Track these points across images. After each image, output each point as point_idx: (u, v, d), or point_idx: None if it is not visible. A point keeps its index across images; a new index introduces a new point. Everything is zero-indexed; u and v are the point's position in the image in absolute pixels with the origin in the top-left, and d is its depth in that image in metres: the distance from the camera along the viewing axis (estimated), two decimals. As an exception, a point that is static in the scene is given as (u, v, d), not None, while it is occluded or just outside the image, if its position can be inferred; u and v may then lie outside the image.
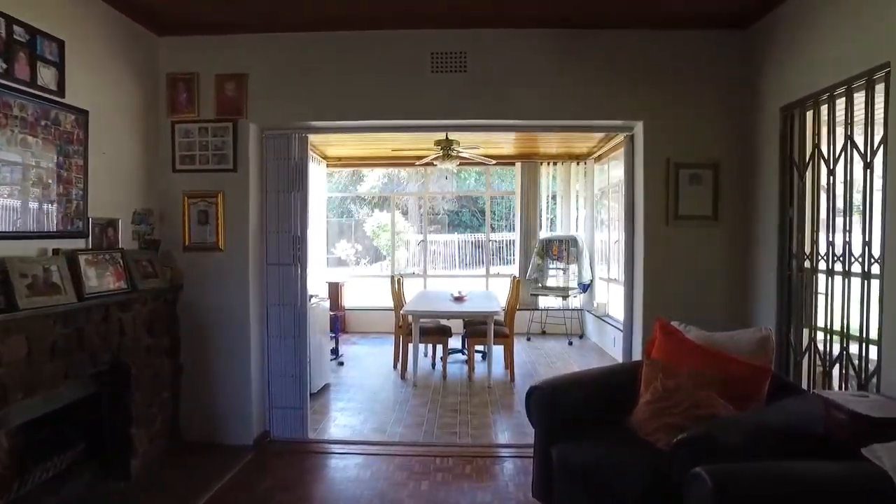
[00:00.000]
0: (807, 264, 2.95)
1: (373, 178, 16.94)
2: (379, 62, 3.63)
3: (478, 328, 5.48)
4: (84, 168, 2.96)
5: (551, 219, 8.29)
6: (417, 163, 6.41)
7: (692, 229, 3.56)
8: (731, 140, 3.52)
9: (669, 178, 3.54)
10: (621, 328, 6.50)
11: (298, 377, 3.91)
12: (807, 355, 2.94)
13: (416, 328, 5.26)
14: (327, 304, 5.49)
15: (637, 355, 3.65)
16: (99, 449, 3.12)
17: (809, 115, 2.90)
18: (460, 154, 6.02)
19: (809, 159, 2.90)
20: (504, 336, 5.50)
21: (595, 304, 7.56)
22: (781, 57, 3.14)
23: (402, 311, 5.25)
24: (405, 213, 16.69)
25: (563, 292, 7.51)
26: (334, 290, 7.82)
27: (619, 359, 6.18)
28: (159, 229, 3.66)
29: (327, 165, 8.05)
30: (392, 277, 5.90)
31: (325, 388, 5.20)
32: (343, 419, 4.41)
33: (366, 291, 9.42)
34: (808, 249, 2.94)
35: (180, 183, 3.68)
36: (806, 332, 2.97)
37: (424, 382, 5.43)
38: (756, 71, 3.39)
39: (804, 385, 2.92)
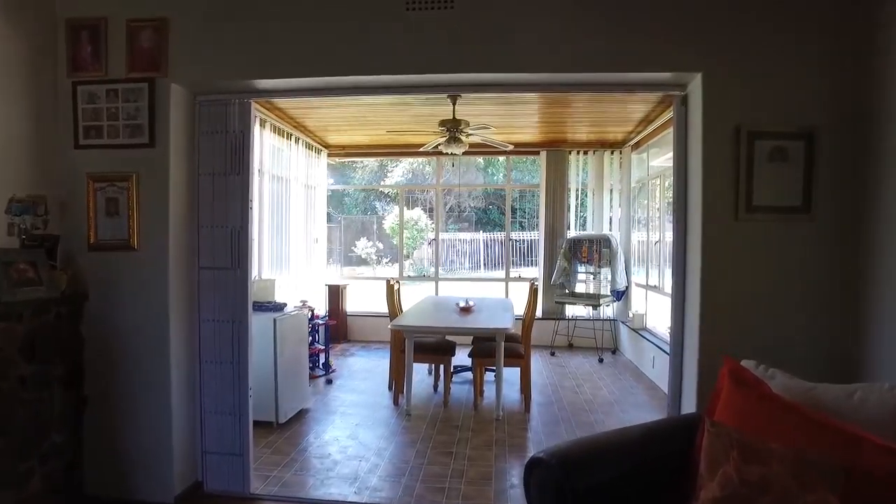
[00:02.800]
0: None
1: (397, 173, 16.09)
2: (338, -2, 2.67)
3: (485, 346, 4.47)
4: None
5: (584, 217, 7.19)
6: (421, 149, 5.45)
7: (773, 225, 2.47)
8: (837, 95, 2.40)
9: (741, 153, 2.45)
10: (663, 347, 5.40)
11: (239, 415, 2.98)
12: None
13: (409, 346, 4.28)
14: (307, 312, 4.58)
15: (689, 406, 2.58)
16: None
17: None
18: (470, 136, 5.02)
19: None
20: (518, 356, 4.47)
21: (631, 315, 6.43)
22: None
23: (389, 326, 4.29)
24: (429, 211, 15.77)
25: (594, 300, 6.41)
26: (335, 295, 6.93)
27: (662, 385, 5.08)
28: (58, 222, 2.79)
29: (329, 155, 7.16)
30: (387, 282, 4.94)
31: (301, 414, 4.28)
32: (307, 461, 3.47)
33: (376, 295, 8.48)
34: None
35: (84, 162, 2.79)
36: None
37: (421, 410, 4.45)
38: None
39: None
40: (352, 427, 4.08)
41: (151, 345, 2.79)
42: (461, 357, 5.65)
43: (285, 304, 4.30)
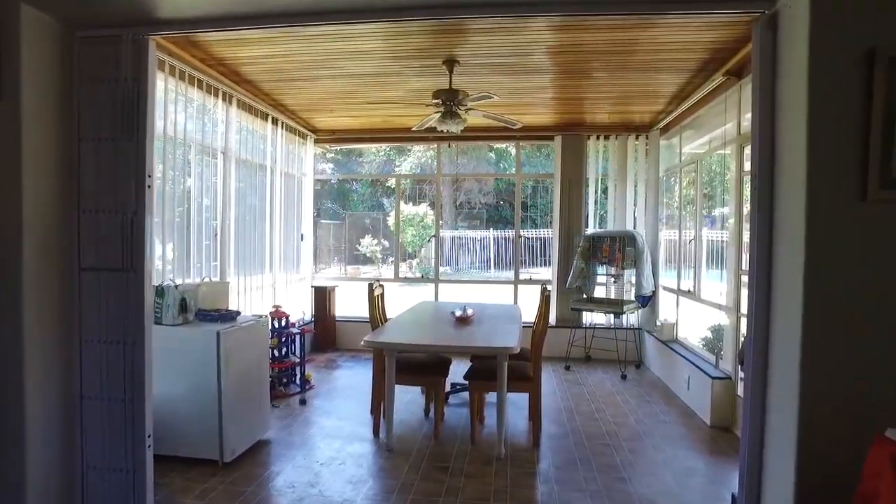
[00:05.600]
0: None
1: (405, 167, 15.25)
2: None
3: (485, 367, 3.57)
4: None
5: (604, 212, 6.24)
6: (413, 127, 4.55)
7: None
8: None
9: (875, 93, 1.52)
10: (701, 365, 4.15)
11: (133, 471, 2.13)
12: None
13: (390, 366, 3.40)
14: (266, 321, 3.69)
15: (779, 487, 1.65)
16: None
17: None
18: (470, 110, 4.12)
19: None
20: (525, 379, 3.56)
21: (659, 324, 5.47)
22: None
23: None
24: (431, 205, 14.94)
25: (616, 307, 5.46)
26: (321, 298, 6.07)
27: (699, 412, 4.01)
28: None
29: (316, 141, 6.30)
30: (369, 286, 4.07)
31: (257, 449, 3.42)
32: (245, 524, 2.61)
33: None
34: None
35: None
36: None
37: (406, 443, 3.56)
38: None
39: None
40: (316, 468, 3.20)
41: None
42: (459, 369, 4.78)
43: (238, 313, 3.44)
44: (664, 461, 3.37)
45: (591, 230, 6.01)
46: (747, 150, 3.88)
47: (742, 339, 4.03)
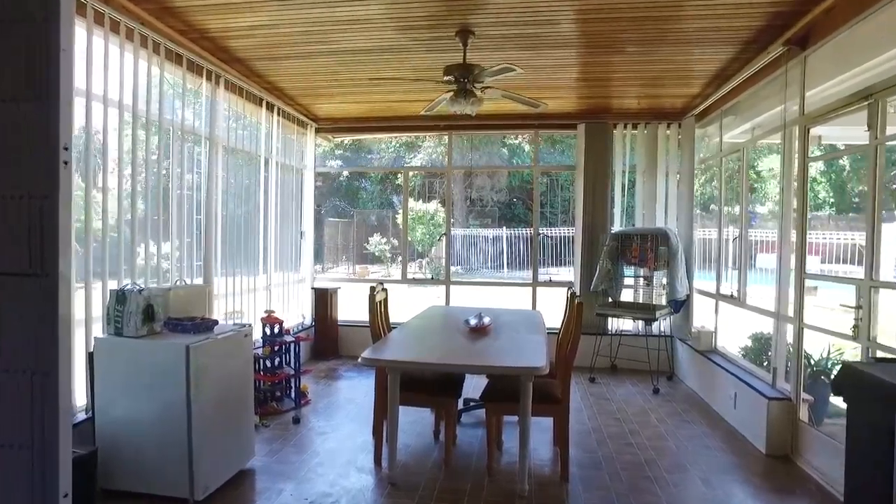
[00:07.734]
0: None
1: (416, 162, 14.71)
2: None
3: (504, 386, 3.00)
4: None
5: (631, 208, 5.63)
6: (423, 111, 3.98)
7: None
8: None
9: None
10: (751, 382, 3.51)
11: (44, 543, 1.59)
12: None
13: (393, 385, 2.84)
14: (248, 330, 3.12)
15: None
16: None
17: None
18: (487, 89, 3.54)
19: None
20: (552, 401, 2.98)
21: (694, 331, 4.86)
22: None
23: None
24: (444, 202, 14.40)
25: (648, 312, 4.85)
26: (322, 301, 5.53)
27: (747, 434, 3.20)
28: None
29: (317, 130, 5.75)
30: (371, 289, 3.51)
31: (236, 482, 2.88)
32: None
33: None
34: None
35: None
36: None
37: (412, 474, 3.00)
38: None
39: None
40: (302, 507, 2.66)
41: None
42: (474, 383, 4.24)
43: (215, 322, 2.90)
44: (718, 501, 2.78)
45: (617, 227, 5.41)
46: (814, 132, 3.27)
47: (808, 357, 3.42)
